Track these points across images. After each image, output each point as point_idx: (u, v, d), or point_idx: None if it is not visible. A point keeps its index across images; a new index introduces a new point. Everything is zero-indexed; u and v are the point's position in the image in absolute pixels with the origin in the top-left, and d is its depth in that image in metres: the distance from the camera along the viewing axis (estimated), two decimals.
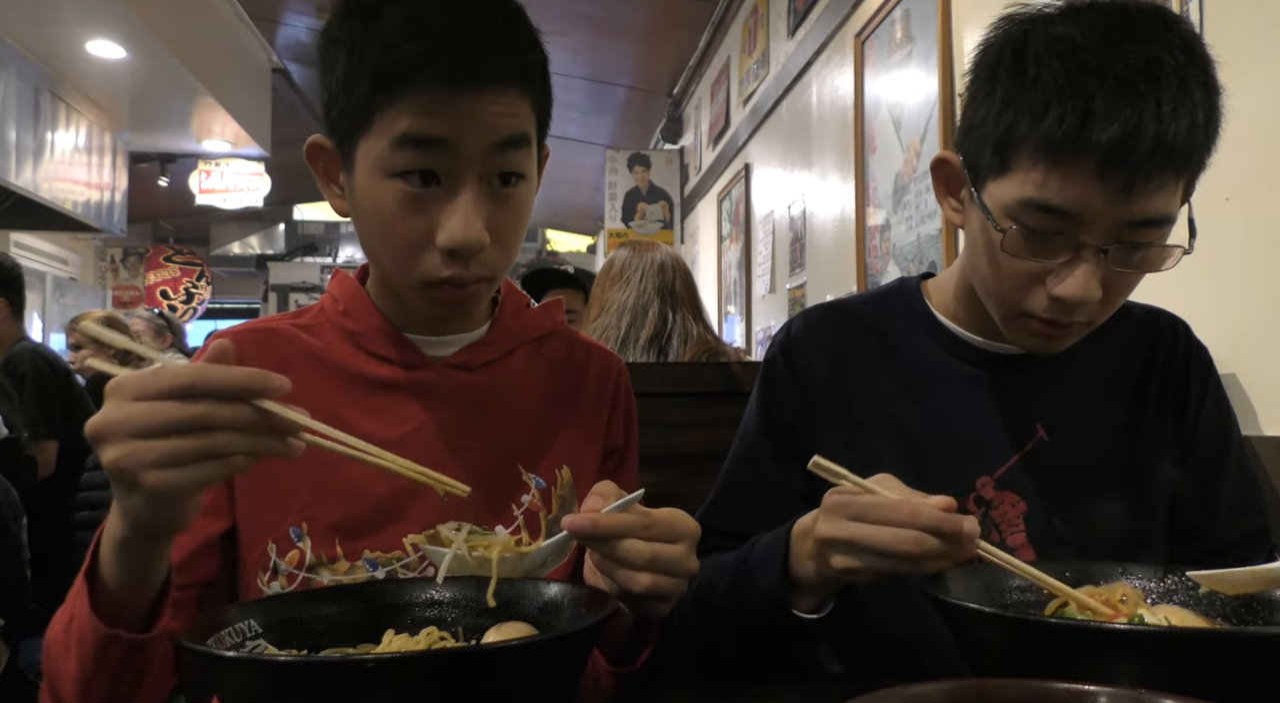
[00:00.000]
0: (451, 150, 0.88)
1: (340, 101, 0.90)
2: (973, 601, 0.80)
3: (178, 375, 0.67)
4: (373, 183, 0.91)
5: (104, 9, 4.93)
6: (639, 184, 7.16)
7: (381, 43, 0.86)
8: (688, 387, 1.59)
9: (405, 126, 0.87)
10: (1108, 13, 0.91)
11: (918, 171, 3.02)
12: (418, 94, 0.86)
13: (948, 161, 1.05)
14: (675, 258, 2.49)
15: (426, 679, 0.63)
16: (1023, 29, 0.93)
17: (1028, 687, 0.52)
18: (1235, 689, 0.58)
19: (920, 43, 3.01)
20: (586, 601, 0.80)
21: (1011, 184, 0.92)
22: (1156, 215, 0.89)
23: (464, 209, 0.89)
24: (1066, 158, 0.87)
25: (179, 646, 0.68)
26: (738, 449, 1.17)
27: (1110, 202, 0.88)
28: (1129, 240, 0.90)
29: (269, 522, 0.97)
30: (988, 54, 0.96)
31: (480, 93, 0.87)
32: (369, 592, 0.85)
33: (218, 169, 8.26)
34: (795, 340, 1.16)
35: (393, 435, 0.99)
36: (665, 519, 0.82)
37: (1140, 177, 0.86)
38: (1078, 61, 0.87)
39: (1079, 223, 0.89)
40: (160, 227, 11.53)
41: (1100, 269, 0.91)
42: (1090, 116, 0.86)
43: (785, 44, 4.54)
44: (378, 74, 0.86)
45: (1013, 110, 0.90)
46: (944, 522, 0.79)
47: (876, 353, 1.12)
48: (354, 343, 1.03)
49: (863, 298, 1.20)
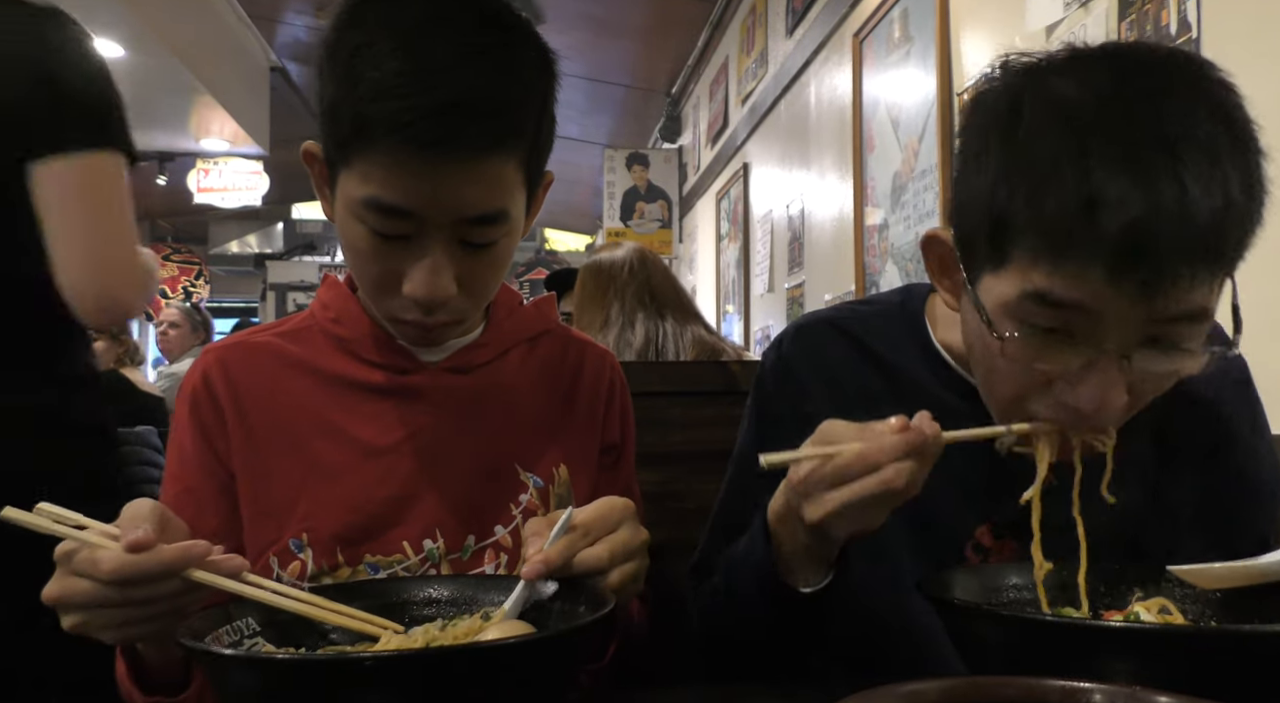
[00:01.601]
0: (419, 220, 0.87)
1: (326, 126, 0.89)
2: (969, 599, 0.80)
3: (113, 569, 0.71)
4: (347, 218, 0.90)
5: (102, 8, 4.92)
6: (637, 183, 7.16)
7: (363, 90, 0.83)
8: (686, 386, 1.59)
9: (374, 190, 0.85)
10: (1119, 64, 0.76)
11: (916, 171, 3.02)
12: (392, 155, 0.83)
13: (938, 240, 0.90)
14: (641, 252, 2.35)
15: (424, 678, 0.63)
16: (1018, 85, 0.80)
17: (1023, 684, 0.52)
18: (1230, 687, 0.58)
19: (918, 42, 3.01)
20: (584, 599, 0.80)
21: (1010, 279, 0.78)
22: (1188, 312, 0.75)
23: (430, 266, 0.88)
24: (1072, 254, 0.73)
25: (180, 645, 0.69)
26: (731, 479, 1.11)
27: (1131, 302, 0.74)
28: (1158, 339, 0.77)
29: (270, 536, 0.97)
30: (978, 114, 0.82)
31: (458, 163, 0.84)
32: (367, 591, 0.85)
33: (216, 168, 8.25)
34: (786, 362, 1.07)
35: (388, 442, 0.99)
36: (597, 516, 0.83)
37: (1165, 274, 0.72)
38: (1080, 129, 0.73)
39: (1095, 321, 0.76)
40: (158, 225, 11.51)
41: (1124, 375, 0.77)
42: (1097, 202, 0.71)
43: (783, 43, 4.54)
44: (357, 122, 0.84)
45: (1006, 190, 0.76)
46: (910, 442, 0.76)
47: (873, 379, 1.03)
48: (345, 350, 1.02)
49: (860, 314, 1.08)
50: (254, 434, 1.00)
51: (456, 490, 1.00)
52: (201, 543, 0.75)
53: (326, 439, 0.99)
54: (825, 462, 0.79)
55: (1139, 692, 0.51)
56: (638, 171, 7.19)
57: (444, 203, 0.86)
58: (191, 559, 0.74)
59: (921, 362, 1.02)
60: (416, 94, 0.82)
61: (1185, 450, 0.99)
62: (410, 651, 0.73)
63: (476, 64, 0.84)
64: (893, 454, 0.76)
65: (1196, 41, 1.77)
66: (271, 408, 1.00)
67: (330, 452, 0.99)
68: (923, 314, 1.04)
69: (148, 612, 0.74)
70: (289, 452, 0.99)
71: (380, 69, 0.83)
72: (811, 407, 1.02)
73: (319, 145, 0.94)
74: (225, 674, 0.66)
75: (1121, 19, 1.99)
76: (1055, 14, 2.22)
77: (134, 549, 0.72)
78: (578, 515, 0.82)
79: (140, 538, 0.72)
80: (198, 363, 1.04)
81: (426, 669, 0.63)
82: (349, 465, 0.99)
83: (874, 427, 0.79)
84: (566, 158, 8.43)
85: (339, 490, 0.97)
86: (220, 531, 0.97)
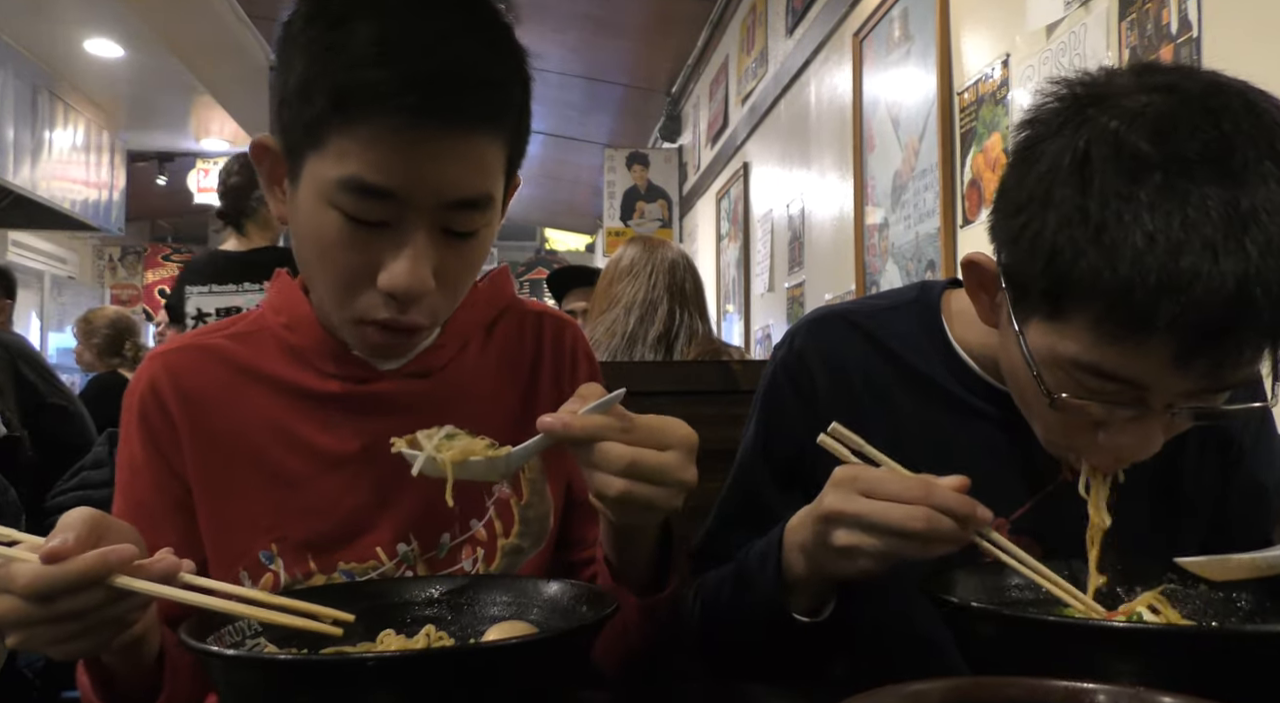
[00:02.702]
0: (401, 203, 0.81)
1: (293, 107, 0.83)
2: (971, 599, 0.80)
3: (27, 582, 0.67)
4: (315, 207, 0.84)
5: (102, 7, 4.92)
6: (637, 183, 7.16)
7: (345, 59, 0.79)
8: (689, 385, 1.59)
9: (354, 169, 0.80)
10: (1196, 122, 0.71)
11: (916, 170, 3.02)
12: (374, 128, 0.78)
13: (978, 266, 0.87)
14: (685, 257, 2.48)
15: (426, 678, 0.63)
16: (1083, 131, 0.75)
17: (1026, 685, 0.52)
18: (1234, 687, 0.58)
19: (919, 41, 3.01)
20: (586, 599, 0.80)
21: (1065, 337, 0.76)
22: (1239, 382, 0.76)
23: (410, 255, 0.82)
24: (1138, 333, 0.71)
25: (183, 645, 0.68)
26: (736, 475, 1.09)
27: (1190, 380, 0.74)
28: (1204, 401, 0.77)
29: (237, 549, 0.93)
30: (1041, 147, 0.78)
31: (444, 138, 0.80)
32: (368, 591, 0.85)
33: (216, 168, 8.24)
34: (799, 357, 1.05)
35: (351, 450, 0.95)
36: (652, 425, 0.77)
37: (1229, 357, 0.72)
38: (1156, 206, 0.69)
39: (1147, 392, 0.76)
40: (158, 225, 11.51)
41: (1164, 425, 0.78)
42: (1171, 287, 0.68)
43: (783, 43, 4.54)
44: (336, 94, 0.79)
45: (1070, 251, 0.73)
46: (959, 503, 0.75)
47: (888, 377, 1.02)
48: (298, 358, 0.96)
49: (875, 309, 1.07)
50: (209, 444, 0.95)
51: (426, 492, 0.92)
52: (125, 547, 0.69)
53: (286, 449, 0.95)
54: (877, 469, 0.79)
55: (1142, 692, 0.51)
56: (638, 171, 7.18)
57: (429, 182, 0.81)
58: (111, 565, 0.68)
59: (938, 359, 1.01)
60: (404, 62, 0.78)
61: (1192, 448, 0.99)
62: (412, 651, 0.73)
63: (465, 37, 0.81)
64: (939, 501, 0.75)
65: (1197, 41, 1.76)
66: (226, 416, 0.95)
67: (291, 461, 0.94)
68: (939, 311, 1.03)
69: (79, 625, 0.70)
70: (248, 462, 0.94)
71: (363, 37, 0.78)
72: (822, 400, 1.02)
73: (274, 137, 0.89)
74: (227, 675, 0.66)
75: (1122, 18, 1.99)
76: (1056, 13, 2.22)
77: (50, 559, 0.67)
78: (635, 415, 0.77)
79: (55, 547, 0.67)
80: (144, 369, 0.98)
81: (428, 670, 0.63)
82: (312, 475, 0.94)
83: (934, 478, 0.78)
84: (566, 157, 8.42)
85: (305, 499, 0.94)
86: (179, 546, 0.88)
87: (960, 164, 2.74)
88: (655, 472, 0.75)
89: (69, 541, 0.68)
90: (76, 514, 0.72)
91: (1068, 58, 2.18)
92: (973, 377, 0.99)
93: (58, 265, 9.19)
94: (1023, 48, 2.39)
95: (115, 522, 0.74)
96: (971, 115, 2.67)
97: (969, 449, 0.96)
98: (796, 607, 0.89)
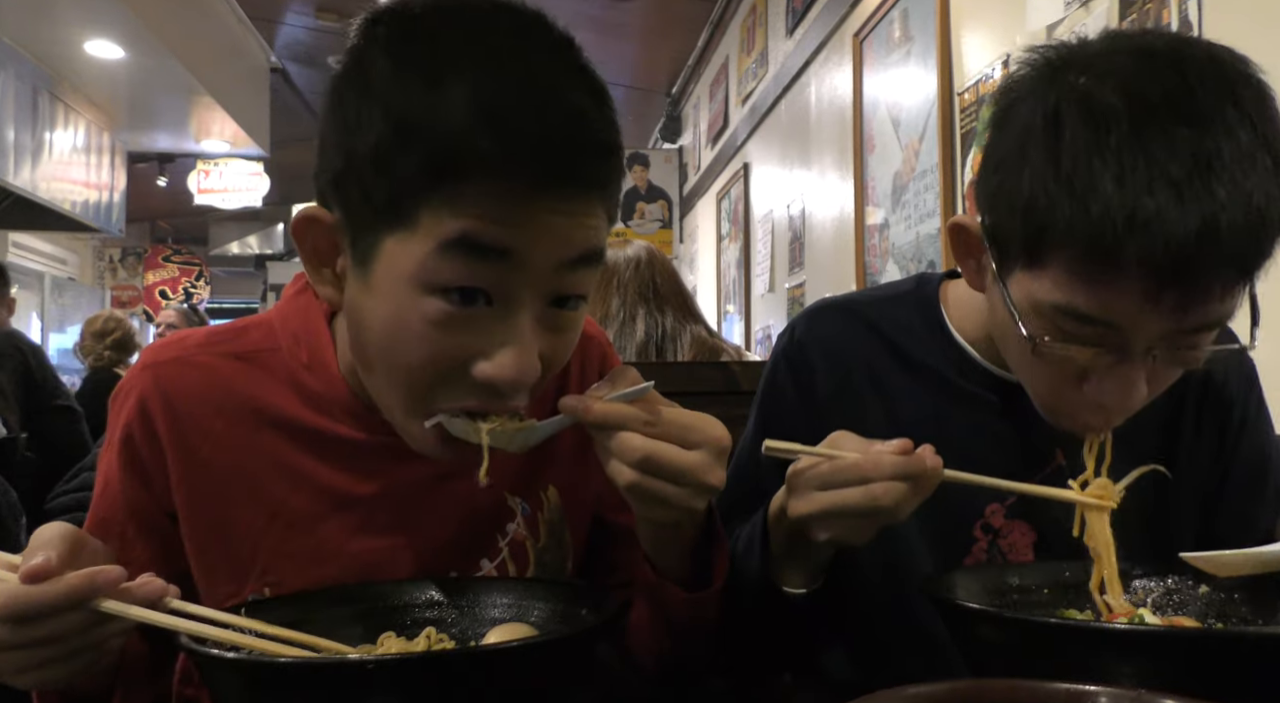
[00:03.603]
0: (516, 265, 0.70)
1: (366, 177, 0.70)
2: (972, 601, 0.80)
3: (5, 604, 0.63)
4: (401, 292, 0.71)
5: (102, 9, 4.92)
6: (637, 183, 7.16)
7: (445, 125, 0.67)
8: (687, 386, 1.59)
9: (463, 228, 0.68)
10: (1154, 67, 0.76)
11: (916, 171, 3.02)
12: (485, 196, 0.68)
13: (964, 228, 0.91)
14: (650, 251, 2.29)
15: (427, 681, 0.62)
16: (1054, 88, 0.79)
17: (1028, 688, 0.52)
18: (1236, 690, 0.58)
19: (919, 42, 3.01)
20: (587, 601, 0.79)
21: (1043, 283, 0.80)
22: (1215, 320, 0.79)
23: (522, 339, 0.72)
24: (1110, 271, 0.75)
25: (182, 649, 0.67)
26: (737, 463, 1.08)
27: (1162, 316, 0.77)
28: (1181, 344, 0.80)
29: (224, 592, 0.86)
30: (1015, 108, 0.82)
31: (562, 201, 0.70)
32: (368, 593, 0.84)
33: (216, 169, 8.25)
34: (799, 347, 1.06)
35: (363, 491, 0.87)
36: (678, 421, 0.73)
37: (1199, 290, 0.75)
38: (1120, 145, 0.73)
39: (1123, 332, 0.79)
40: (159, 226, 11.52)
41: (1146, 370, 0.81)
42: (1139, 225, 0.72)
43: (784, 43, 4.54)
44: (435, 164, 0.67)
45: (1045, 200, 0.77)
46: (907, 465, 0.78)
47: (887, 365, 1.03)
48: (311, 401, 0.86)
49: (874, 299, 1.09)
50: (199, 475, 0.86)
51: (439, 534, 0.89)
52: (113, 568, 0.65)
53: (289, 485, 0.86)
54: (822, 461, 0.81)
55: (1144, 694, 0.50)
56: (638, 172, 7.18)
57: (550, 238, 0.70)
58: (99, 586, 0.64)
59: (937, 347, 1.02)
60: (516, 124, 0.67)
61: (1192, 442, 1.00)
62: (412, 654, 0.73)
63: (574, 95, 0.71)
64: (886, 472, 0.78)
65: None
66: (221, 445, 0.86)
67: (295, 499, 0.86)
68: (937, 300, 1.05)
69: (58, 651, 0.65)
70: (242, 497, 0.86)
71: (459, 97, 0.67)
72: (822, 390, 1.04)
73: (325, 210, 0.76)
74: (226, 678, 0.66)
75: (1122, 19, 1.99)
76: (1056, 13, 2.22)
77: (31, 579, 0.63)
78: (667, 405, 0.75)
79: (38, 566, 0.63)
80: (133, 380, 0.88)
81: (428, 672, 0.63)
82: (317, 515, 0.86)
83: (877, 444, 0.80)
84: None
85: (304, 541, 0.86)
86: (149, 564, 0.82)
87: (961, 164, 2.74)
88: (673, 469, 0.72)
89: (51, 559, 0.64)
90: (54, 530, 0.68)
91: None
92: (971, 364, 1.01)
93: (58, 267, 9.20)
94: (1023, 48, 2.39)
95: (91, 540, 0.71)
96: (972, 116, 2.66)
97: (968, 435, 0.98)
98: (792, 582, 0.91)
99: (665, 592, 0.85)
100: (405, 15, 0.73)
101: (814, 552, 0.88)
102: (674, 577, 0.85)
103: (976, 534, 0.98)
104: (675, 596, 0.85)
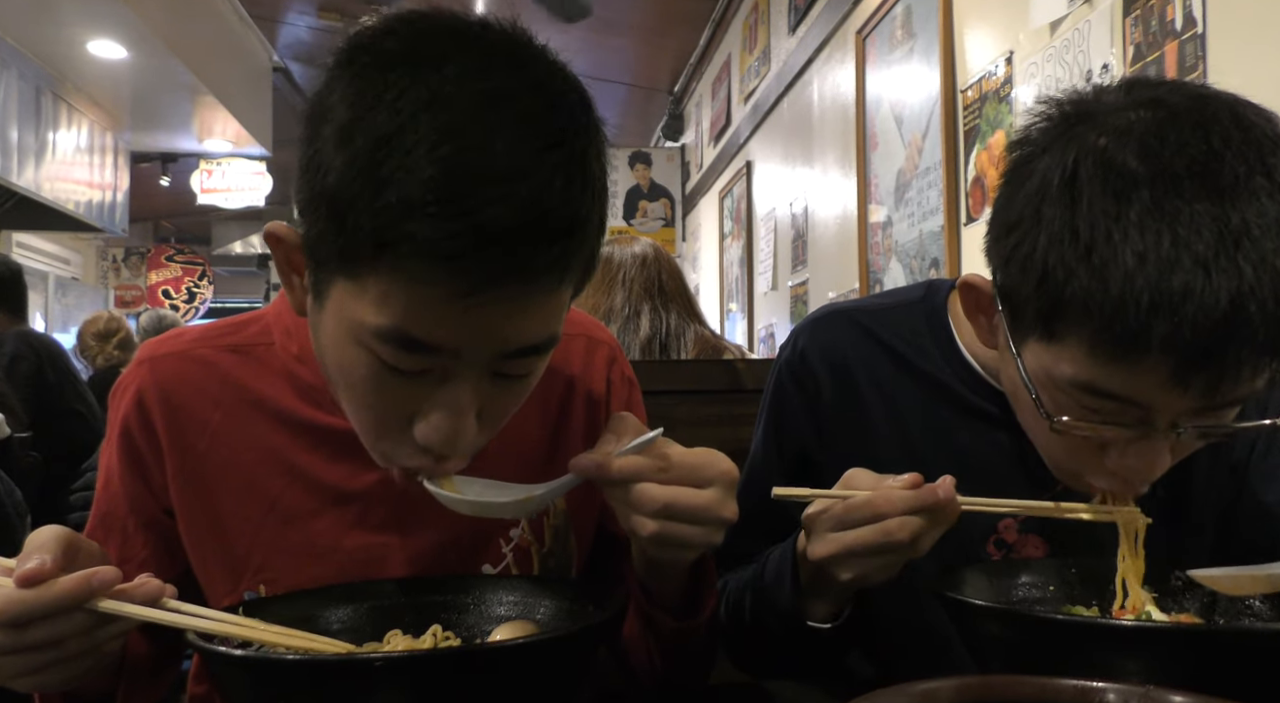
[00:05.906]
0: (451, 356, 0.68)
1: (322, 219, 0.66)
2: (979, 598, 0.80)
3: (3, 608, 0.63)
4: (343, 339, 0.70)
5: (105, 9, 4.92)
6: (640, 182, 7.15)
7: (398, 197, 0.61)
8: (691, 385, 1.59)
9: (392, 320, 0.66)
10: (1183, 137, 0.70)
11: (920, 168, 3.02)
12: (421, 285, 0.64)
13: (975, 288, 0.87)
14: (655, 249, 2.30)
15: (433, 678, 0.62)
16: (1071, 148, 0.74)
17: (1036, 684, 0.52)
18: (1243, 686, 0.57)
19: (921, 39, 3.01)
20: (593, 599, 0.79)
21: (1061, 357, 0.75)
22: (1242, 398, 0.74)
23: (456, 404, 0.70)
24: (1133, 353, 0.70)
25: (191, 646, 0.68)
26: (749, 477, 1.07)
27: (1189, 396, 0.72)
28: (1208, 419, 0.75)
29: (223, 587, 0.86)
30: (1031, 165, 0.77)
31: (504, 300, 0.65)
32: (374, 590, 0.84)
33: (219, 169, 8.25)
34: (803, 356, 1.04)
35: (359, 485, 0.86)
36: (688, 463, 0.74)
37: (1228, 373, 0.70)
38: (1146, 223, 0.68)
39: (1147, 410, 0.74)
40: (162, 226, 11.53)
41: (1171, 444, 0.77)
42: (1164, 306, 0.67)
43: (786, 41, 4.54)
44: (379, 238, 0.63)
45: (1063, 272, 0.72)
46: (921, 499, 0.77)
47: (894, 377, 1.01)
48: (306, 394, 0.86)
49: (880, 307, 1.06)
50: (195, 469, 0.86)
51: (439, 534, 0.88)
52: (109, 569, 0.65)
53: (285, 479, 0.86)
54: (836, 503, 0.80)
55: (1152, 691, 0.50)
56: (640, 170, 7.18)
57: (487, 337, 0.68)
58: (96, 588, 0.64)
59: (943, 358, 1.00)
60: (469, 213, 0.61)
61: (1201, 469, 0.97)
62: (420, 651, 0.73)
63: (548, 164, 0.64)
64: (899, 507, 0.77)
65: (1202, 37, 1.76)
66: (217, 439, 0.86)
67: (290, 493, 0.86)
68: (946, 312, 1.02)
69: (56, 654, 0.65)
70: (238, 492, 0.86)
71: (418, 174, 0.61)
72: (826, 399, 1.03)
73: (292, 230, 0.74)
74: (233, 675, 0.66)
75: (1126, 15, 1.98)
76: (1059, 10, 2.22)
77: (27, 583, 0.62)
78: (672, 448, 0.74)
79: (33, 570, 0.62)
80: (132, 374, 0.88)
81: (436, 669, 0.63)
82: (313, 510, 0.86)
83: (889, 479, 0.80)
84: None
85: (301, 537, 0.85)
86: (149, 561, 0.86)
87: (964, 162, 2.73)
88: (691, 512, 0.73)
89: (46, 562, 0.63)
90: (47, 533, 0.68)
91: (1071, 55, 2.17)
92: (977, 377, 0.98)
93: (61, 266, 9.21)
94: (1026, 45, 2.39)
95: (86, 542, 0.71)
96: (975, 113, 2.66)
97: (973, 448, 0.96)
98: (817, 614, 0.91)
99: (655, 618, 0.87)
100: (379, 55, 0.67)
101: (839, 589, 0.88)
102: (666, 604, 0.87)
103: (989, 549, 0.97)
104: (666, 623, 0.86)
